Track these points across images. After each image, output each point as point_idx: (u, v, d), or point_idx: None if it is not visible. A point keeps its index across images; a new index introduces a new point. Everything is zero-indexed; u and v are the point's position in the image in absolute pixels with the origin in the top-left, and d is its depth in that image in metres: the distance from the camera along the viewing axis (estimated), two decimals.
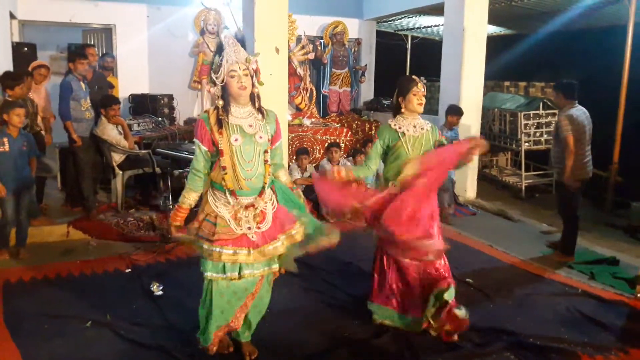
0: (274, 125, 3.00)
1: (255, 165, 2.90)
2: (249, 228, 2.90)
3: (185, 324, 3.58)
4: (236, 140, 2.84)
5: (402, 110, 3.63)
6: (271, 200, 3.02)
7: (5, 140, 4.63)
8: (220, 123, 2.85)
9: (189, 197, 3.00)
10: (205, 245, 2.91)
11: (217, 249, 2.88)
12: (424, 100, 3.60)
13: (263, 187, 2.95)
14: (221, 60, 2.82)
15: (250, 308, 3.13)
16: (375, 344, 3.42)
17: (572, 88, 5.02)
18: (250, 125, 2.88)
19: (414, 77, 3.65)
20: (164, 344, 3.33)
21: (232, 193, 2.89)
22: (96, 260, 4.83)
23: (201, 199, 3.04)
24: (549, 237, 5.79)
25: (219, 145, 2.85)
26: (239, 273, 2.94)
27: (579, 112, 4.95)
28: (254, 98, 2.92)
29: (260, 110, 2.95)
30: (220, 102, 2.86)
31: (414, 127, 3.59)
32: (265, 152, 2.94)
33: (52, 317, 3.67)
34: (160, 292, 4.12)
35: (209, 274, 2.96)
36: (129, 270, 4.62)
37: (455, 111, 6.65)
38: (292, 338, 3.47)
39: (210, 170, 2.97)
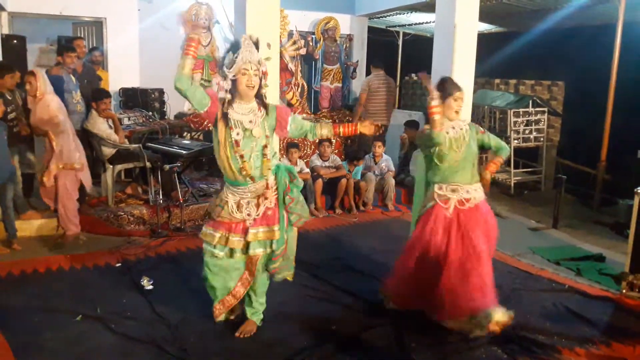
0: (273, 116, 3.18)
1: (253, 159, 3.10)
2: (249, 214, 3.19)
3: (175, 317, 3.60)
4: (237, 134, 3.04)
5: None
6: (272, 190, 3.21)
7: None
8: (225, 116, 3.07)
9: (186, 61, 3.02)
10: (209, 230, 3.27)
11: (219, 234, 3.22)
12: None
13: (262, 179, 3.16)
14: (236, 57, 3.03)
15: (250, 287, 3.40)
16: (363, 338, 3.44)
17: (379, 60, 8.52)
18: (250, 122, 3.09)
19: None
20: (154, 337, 3.34)
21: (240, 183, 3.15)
22: (86, 254, 4.82)
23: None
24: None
25: (217, 129, 3.09)
26: (231, 254, 3.26)
27: (376, 77, 8.36)
28: (260, 97, 3.16)
29: (264, 107, 3.15)
30: (228, 97, 3.11)
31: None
32: (265, 146, 3.12)
33: (42, 311, 3.67)
34: (151, 287, 4.13)
35: (203, 246, 3.32)
36: (119, 264, 4.61)
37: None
38: (278, 332, 3.48)
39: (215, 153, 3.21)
